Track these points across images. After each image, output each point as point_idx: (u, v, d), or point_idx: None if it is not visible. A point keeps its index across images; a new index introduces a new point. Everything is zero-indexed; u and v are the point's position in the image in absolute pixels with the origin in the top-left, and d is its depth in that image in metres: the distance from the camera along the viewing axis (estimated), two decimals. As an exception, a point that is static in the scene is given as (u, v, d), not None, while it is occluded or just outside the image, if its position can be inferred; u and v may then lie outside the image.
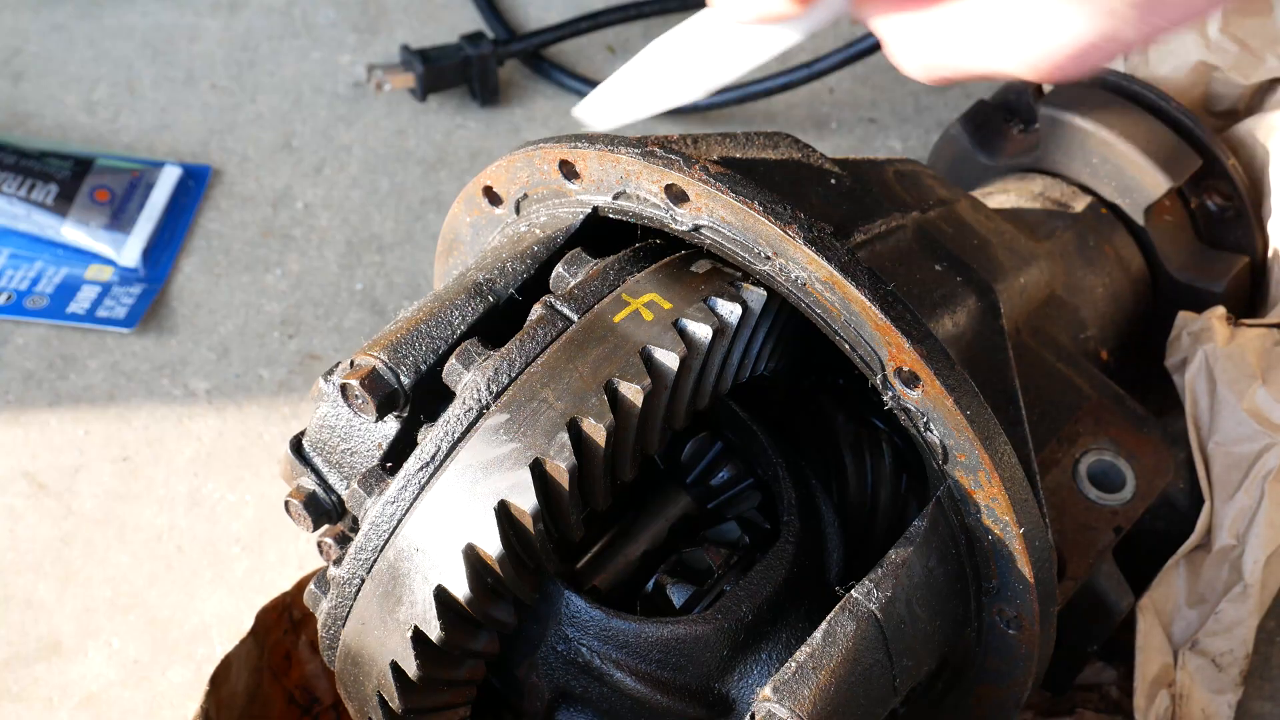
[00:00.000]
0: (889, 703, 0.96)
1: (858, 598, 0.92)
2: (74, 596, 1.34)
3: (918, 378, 0.92)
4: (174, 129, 1.66)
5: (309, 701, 1.20)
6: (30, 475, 1.41)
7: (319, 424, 0.99)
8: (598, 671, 0.96)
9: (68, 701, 1.28)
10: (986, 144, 1.38)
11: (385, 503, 0.91)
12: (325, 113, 1.67)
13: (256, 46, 1.73)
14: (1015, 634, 0.99)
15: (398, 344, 0.95)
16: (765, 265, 0.95)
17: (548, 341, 0.93)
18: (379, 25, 1.75)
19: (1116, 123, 1.31)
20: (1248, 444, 1.18)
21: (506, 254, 1.02)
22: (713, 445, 1.06)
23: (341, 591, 0.94)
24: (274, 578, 1.34)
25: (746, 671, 0.97)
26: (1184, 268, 1.32)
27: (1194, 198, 1.34)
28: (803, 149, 1.08)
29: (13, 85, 1.68)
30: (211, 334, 1.50)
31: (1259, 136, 1.33)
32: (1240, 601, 1.17)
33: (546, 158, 1.02)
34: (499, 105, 1.68)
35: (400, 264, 1.55)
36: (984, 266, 1.12)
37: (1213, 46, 1.36)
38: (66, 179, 1.56)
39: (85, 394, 1.46)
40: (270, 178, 1.62)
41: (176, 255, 1.56)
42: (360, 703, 0.96)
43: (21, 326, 1.50)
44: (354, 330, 1.51)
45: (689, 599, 1.00)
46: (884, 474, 1.05)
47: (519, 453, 0.89)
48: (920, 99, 1.68)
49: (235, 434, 1.44)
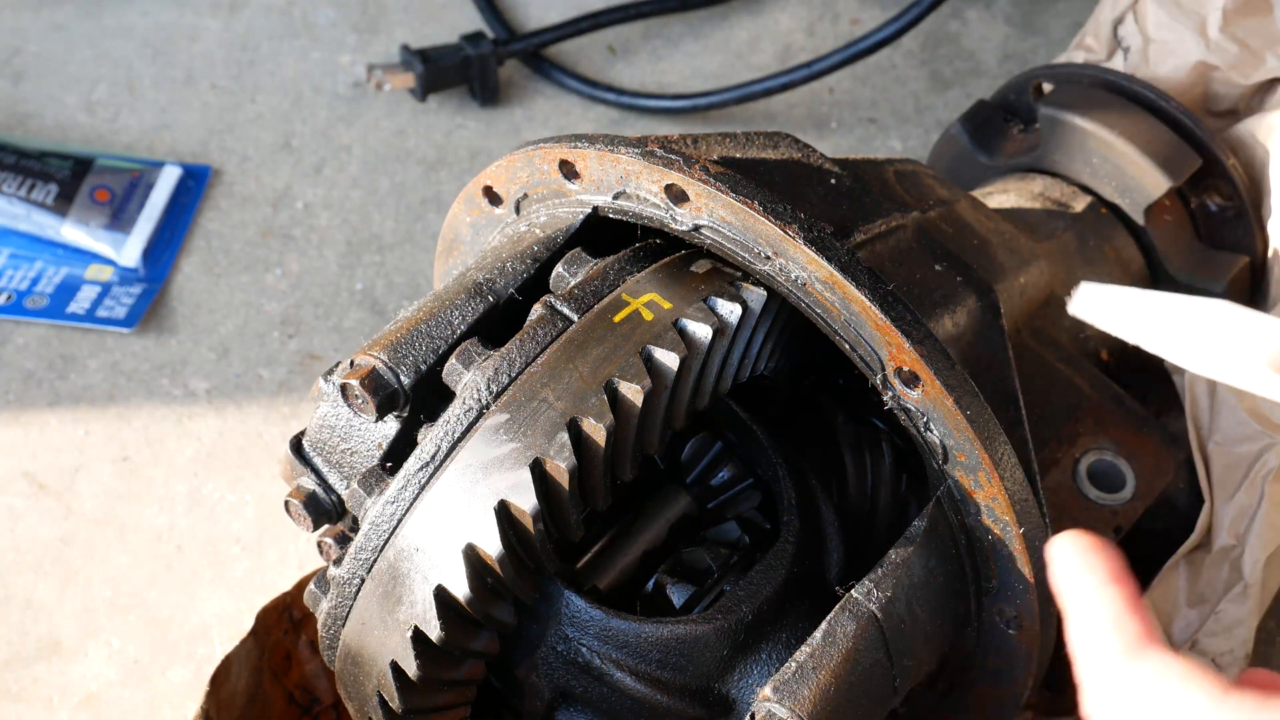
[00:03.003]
0: (889, 703, 0.96)
1: (858, 598, 0.92)
2: (74, 596, 1.34)
3: (918, 378, 0.92)
4: (174, 129, 1.66)
5: (309, 701, 1.20)
6: (30, 475, 1.41)
7: (319, 424, 0.99)
8: (598, 671, 0.96)
9: (68, 701, 1.28)
10: (986, 144, 1.38)
11: (385, 503, 0.91)
12: (325, 113, 1.67)
13: (256, 46, 1.73)
14: (1015, 634, 0.99)
15: (398, 344, 0.95)
16: (765, 265, 0.95)
17: (548, 341, 0.93)
18: (379, 25, 1.75)
19: (1116, 123, 1.31)
20: (1248, 444, 1.18)
21: (506, 254, 1.01)
22: (713, 445, 1.06)
23: (341, 591, 0.94)
24: (274, 578, 1.34)
25: (746, 671, 0.97)
26: (1184, 268, 1.32)
27: (1194, 198, 1.33)
28: (803, 149, 1.08)
29: (13, 85, 1.68)
30: (211, 334, 1.50)
31: (1259, 136, 1.33)
32: (1240, 601, 1.17)
33: (546, 158, 1.02)
34: (499, 105, 1.68)
35: (400, 264, 1.55)
36: (984, 266, 1.12)
37: (1213, 46, 1.36)
38: (66, 179, 1.56)
39: (85, 394, 1.46)
40: (270, 178, 1.62)
41: (176, 255, 1.56)
42: (360, 703, 0.96)
43: (21, 326, 1.50)
44: (354, 330, 1.51)
45: (689, 599, 1.00)
46: (884, 474, 1.05)
47: (519, 453, 0.89)
48: (920, 99, 1.68)
49: (235, 434, 1.44)
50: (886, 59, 1.71)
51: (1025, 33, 1.74)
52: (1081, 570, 0.81)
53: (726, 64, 1.72)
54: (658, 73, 1.71)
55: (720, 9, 1.76)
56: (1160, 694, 0.76)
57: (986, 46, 1.73)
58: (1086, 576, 0.81)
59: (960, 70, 1.71)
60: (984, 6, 1.76)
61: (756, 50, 1.73)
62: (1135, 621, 0.79)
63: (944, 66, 1.71)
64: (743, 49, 1.73)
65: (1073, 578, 0.81)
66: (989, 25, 1.75)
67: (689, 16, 1.75)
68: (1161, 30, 1.37)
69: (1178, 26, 1.37)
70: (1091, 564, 0.81)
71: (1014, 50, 1.73)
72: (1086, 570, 0.81)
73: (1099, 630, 0.79)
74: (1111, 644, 0.79)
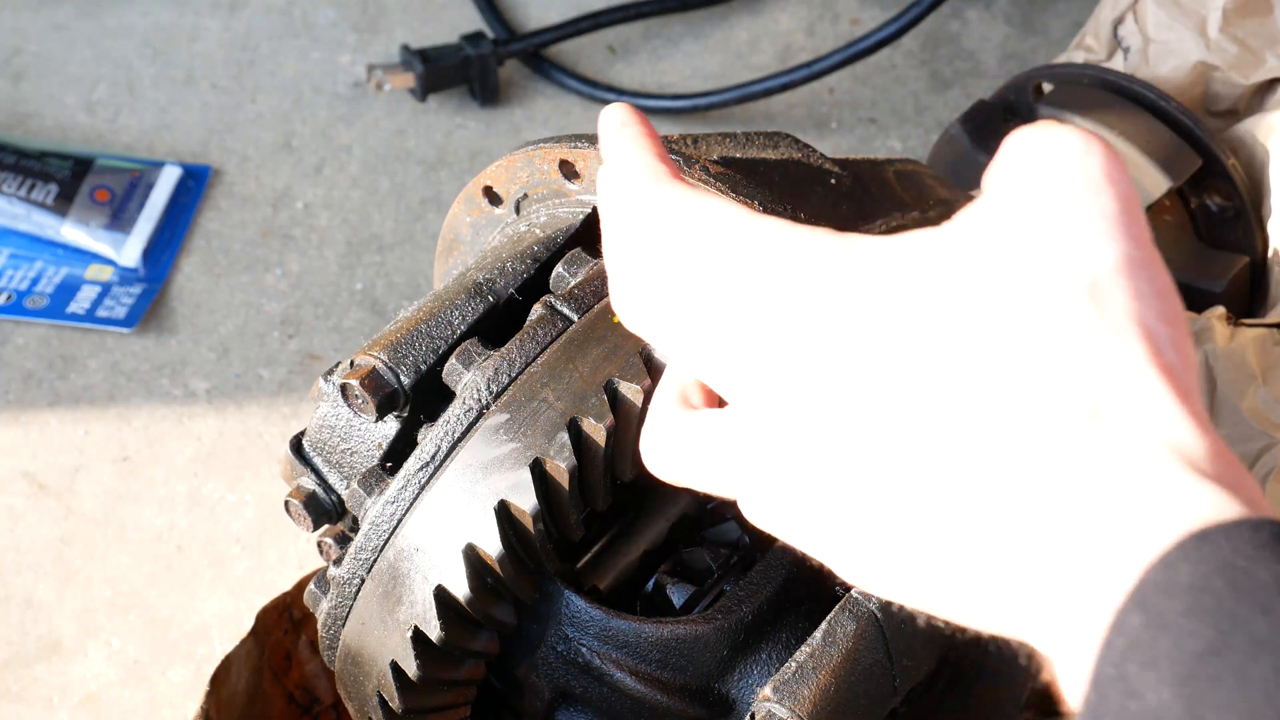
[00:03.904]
0: (889, 702, 0.96)
1: (858, 597, 0.92)
2: (74, 596, 1.34)
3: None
4: (174, 129, 1.66)
5: (309, 701, 1.20)
6: (30, 475, 1.41)
7: (319, 424, 0.99)
8: (598, 671, 0.96)
9: (68, 701, 1.28)
10: (986, 144, 1.38)
11: (385, 503, 0.91)
12: (325, 113, 1.67)
13: (256, 46, 1.73)
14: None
15: (398, 344, 0.95)
16: (765, 265, 0.95)
17: (548, 341, 0.93)
18: (379, 25, 1.75)
19: (1116, 123, 1.31)
20: (1248, 444, 1.18)
21: (506, 254, 1.01)
22: (713, 445, 1.06)
23: (341, 591, 0.94)
24: (274, 578, 1.34)
25: (746, 671, 0.97)
26: (1184, 268, 1.32)
27: (1194, 198, 1.33)
28: (803, 149, 1.08)
29: (13, 85, 1.68)
30: (211, 334, 1.50)
31: (1259, 136, 1.33)
32: (1240, 601, 1.17)
33: (546, 157, 1.02)
34: (499, 105, 1.68)
35: (400, 264, 1.55)
36: (984, 266, 1.11)
37: (1213, 46, 1.36)
38: (66, 179, 1.56)
39: (85, 394, 1.46)
40: (270, 178, 1.62)
41: (176, 255, 1.56)
42: (360, 703, 0.96)
43: (21, 326, 1.50)
44: (354, 330, 1.51)
45: (689, 599, 1.00)
46: (884, 474, 1.05)
47: (519, 453, 0.89)
48: (920, 99, 1.69)
49: (235, 434, 1.44)
50: (886, 59, 1.71)
51: (1025, 33, 1.74)
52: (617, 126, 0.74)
53: (726, 64, 1.72)
54: (658, 73, 1.71)
55: (720, 9, 1.76)
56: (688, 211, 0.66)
57: (986, 46, 1.73)
58: (621, 130, 0.74)
59: (960, 70, 1.71)
60: (984, 6, 1.76)
61: (756, 50, 1.73)
62: (666, 164, 0.71)
63: (944, 66, 1.71)
64: (743, 49, 1.73)
65: (609, 136, 0.74)
66: (989, 25, 1.75)
67: (689, 16, 1.75)
68: (1161, 30, 1.38)
69: (1178, 26, 1.37)
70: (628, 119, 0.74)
71: (1014, 50, 1.73)
72: (622, 125, 0.74)
73: (625, 161, 0.70)
74: (637, 171, 0.69)
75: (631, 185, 0.72)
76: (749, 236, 0.66)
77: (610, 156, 0.75)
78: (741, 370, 0.65)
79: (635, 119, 0.76)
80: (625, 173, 0.73)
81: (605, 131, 0.77)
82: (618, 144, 0.75)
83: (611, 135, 0.76)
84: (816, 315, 0.62)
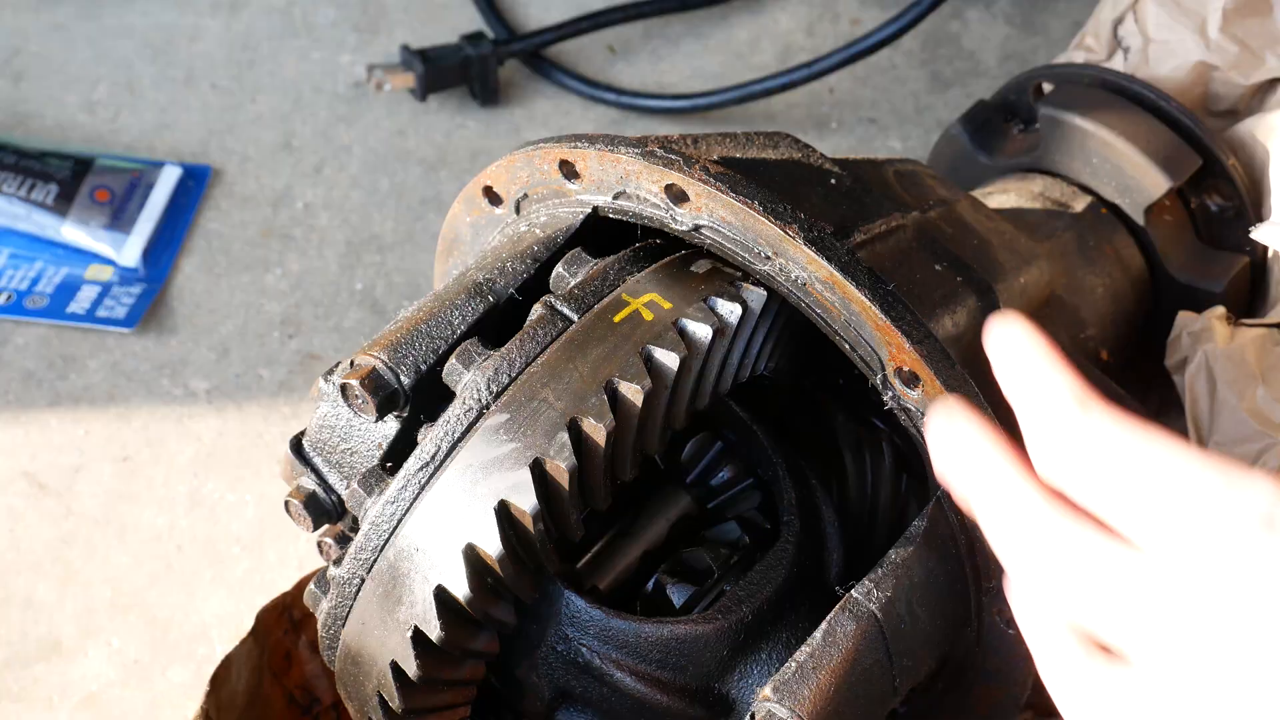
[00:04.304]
0: (889, 703, 0.96)
1: (858, 598, 0.92)
2: (74, 596, 1.34)
3: (918, 378, 0.92)
4: (174, 129, 1.66)
5: (309, 701, 1.20)
6: (30, 475, 1.41)
7: (319, 424, 0.99)
8: (598, 671, 0.96)
9: (68, 701, 1.28)
10: (986, 144, 1.38)
11: (385, 503, 0.91)
12: (325, 113, 1.67)
13: (256, 46, 1.73)
14: (1015, 634, 0.99)
15: (398, 344, 0.95)
16: (765, 265, 0.95)
17: (548, 341, 0.93)
18: (379, 25, 1.75)
19: (1116, 123, 1.31)
20: (1248, 444, 1.18)
21: (506, 254, 1.01)
22: (713, 445, 1.06)
23: (341, 591, 0.94)
24: (274, 578, 1.34)
25: (746, 671, 0.97)
26: (1184, 268, 1.32)
27: (1194, 198, 1.33)
28: (803, 149, 1.08)
29: (13, 85, 1.68)
30: (211, 334, 1.50)
31: (1259, 136, 1.33)
32: (1240, 601, 1.17)
33: (546, 158, 1.02)
34: (499, 105, 1.68)
35: (400, 264, 1.55)
36: (984, 266, 1.12)
37: (1213, 46, 1.36)
38: (66, 179, 1.56)
39: (85, 394, 1.46)
40: (270, 178, 1.62)
41: (176, 255, 1.56)
42: (360, 703, 0.96)
43: (21, 326, 1.50)
44: (354, 330, 1.51)
45: (689, 599, 1.00)
46: (884, 474, 1.05)
47: (519, 453, 0.89)
48: (920, 99, 1.69)
49: (235, 434, 1.44)
50: (886, 59, 1.71)
51: (1025, 33, 1.74)
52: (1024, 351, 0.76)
53: (726, 64, 1.72)
54: (658, 73, 1.71)
55: (720, 9, 1.76)
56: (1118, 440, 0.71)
57: (986, 46, 1.73)
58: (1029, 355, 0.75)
59: (960, 70, 1.71)
60: (984, 6, 1.76)
61: (756, 50, 1.73)
62: (1080, 382, 0.73)
63: (944, 66, 1.71)
64: (743, 49, 1.73)
65: (1017, 359, 0.76)
66: (989, 25, 1.75)
67: (689, 16, 1.75)
68: (1161, 30, 1.38)
69: (1178, 26, 1.37)
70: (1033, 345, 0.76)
71: (1014, 50, 1.73)
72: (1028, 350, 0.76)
73: (1047, 388, 0.74)
74: (1062, 396, 0.73)
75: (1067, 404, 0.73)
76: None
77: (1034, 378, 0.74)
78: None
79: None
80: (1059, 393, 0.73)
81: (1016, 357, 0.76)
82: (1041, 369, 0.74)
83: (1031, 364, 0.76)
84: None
